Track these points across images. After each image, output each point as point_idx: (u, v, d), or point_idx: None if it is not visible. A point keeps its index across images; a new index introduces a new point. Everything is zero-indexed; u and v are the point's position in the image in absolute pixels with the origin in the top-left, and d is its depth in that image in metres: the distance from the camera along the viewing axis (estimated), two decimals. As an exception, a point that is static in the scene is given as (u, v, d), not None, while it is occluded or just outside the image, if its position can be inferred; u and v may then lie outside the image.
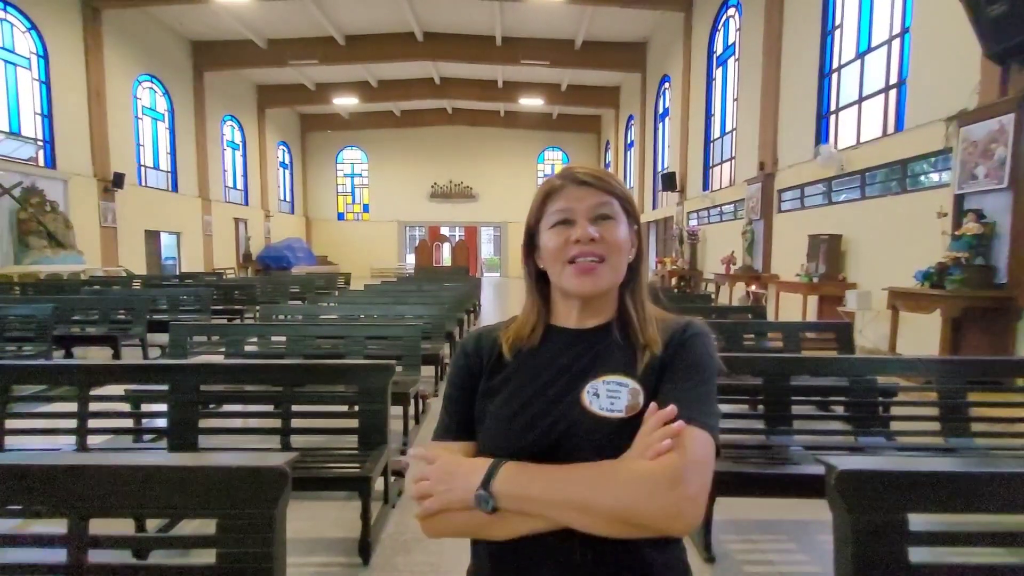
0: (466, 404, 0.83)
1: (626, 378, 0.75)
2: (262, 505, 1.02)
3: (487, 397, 0.82)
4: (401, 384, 3.27)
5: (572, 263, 0.77)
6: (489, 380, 0.83)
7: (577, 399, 0.76)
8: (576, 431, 0.74)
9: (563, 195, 0.80)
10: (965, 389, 2.27)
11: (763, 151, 8.84)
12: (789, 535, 2.39)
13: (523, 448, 0.75)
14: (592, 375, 0.77)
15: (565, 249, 0.78)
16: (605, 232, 0.77)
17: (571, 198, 0.79)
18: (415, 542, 2.33)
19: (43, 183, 10.12)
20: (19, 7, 10.17)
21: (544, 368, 0.80)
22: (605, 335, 0.81)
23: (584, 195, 0.79)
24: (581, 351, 0.80)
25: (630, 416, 0.73)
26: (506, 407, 0.79)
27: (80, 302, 5.89)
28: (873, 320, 5.99)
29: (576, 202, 0.78)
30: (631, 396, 0.74)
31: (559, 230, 0.79)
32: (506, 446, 0.76)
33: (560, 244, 0.78)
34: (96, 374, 2.34)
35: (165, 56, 14.34)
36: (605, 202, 0.79)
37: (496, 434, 0.78)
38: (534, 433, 0.75)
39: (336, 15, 13.93)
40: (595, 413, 0.74)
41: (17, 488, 1.05)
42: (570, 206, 0.79)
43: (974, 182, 4.55)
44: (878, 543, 0.97)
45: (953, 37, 4.91)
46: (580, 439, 0.74)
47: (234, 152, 18.33)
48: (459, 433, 0.82)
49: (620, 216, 0.80)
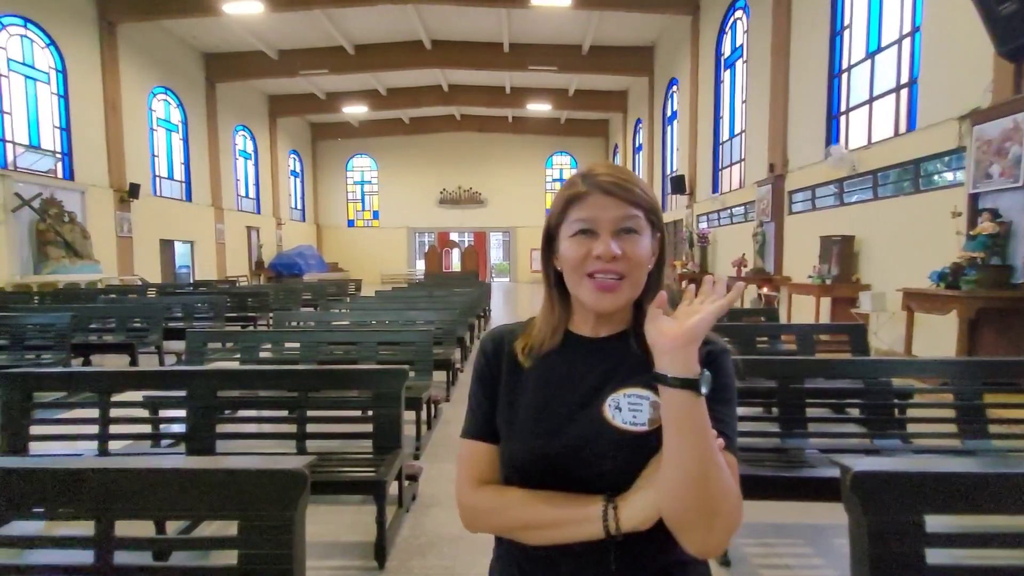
0: (488, 405, 0.85)
1: (647, 391, 0.76)
2: (282, 507, 1.04)
3: (507, 407, 0.83)
4: (414, 389, 3.30)
5: (591, 277, 0.76)
6: (508, 387, 0.84)
7: (599, 411, 0.76)
8: (599, 442, 0.75)
9: (587, 203, 0.76)
10: (982, 390, 2.24)
11: (773, 153, 8.79)
12: (805, 538, 2.37)
13: (545, 458, 0.77)
14: (612, 387, 0.77)
15: (585, 263, 0.75)
16: (628, 248, 0.74)
17: (595, 207, 0.76)
18: (430, 546, 2.34)
19: (61, 194, 10.34)
20: (39, 24, 10.43)
21: (563, 377, 0.81)
22: (622, 344, 0.81)
23: (609, 205, 0.75)
24: (599, 361, 0.81)
25: (653, 429, 0.74)
26: (528, 417, 0.80)
27: (97, 311, 6.00)
28: (888, 322, 5.92)
29: (600, 212, 0.75)
30: (653, 409, 0.75)
31: (580, 240, 0.76)
32: (529, 456, 0.78)
33: (580, 256, 0.76)
34: (117, 380, 2.38)
35: (179, 68, 14.61)
36: (630, 215, 0.75)
37: (518, 444, 0.79)
38: (557, 444, 0.76)
39: (346, 25, 14.11)
40: (618, 426, 0.75)
41: (44, 491, 1.07)
42: (593, 216, 0.75)
43: (989, 181, 4.50)
44: (895, 545, 0.96)
45: (965, 35, 4.86)
46: (603, 450, 0.75)
47: (246, 161, 18.58)
48: (484, 435, 0.84)
49: (644, 229, 0.77)
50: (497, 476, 0.83)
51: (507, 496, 0.79)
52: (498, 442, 0.83)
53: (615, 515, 0.71)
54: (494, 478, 0.83)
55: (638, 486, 0.72)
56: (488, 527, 0.81)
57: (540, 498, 0.76)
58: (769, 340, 3.96)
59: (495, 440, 0.83)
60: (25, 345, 4.56)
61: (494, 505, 0.79)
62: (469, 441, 0.85)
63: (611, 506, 0.72)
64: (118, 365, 5.73)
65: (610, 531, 0.71)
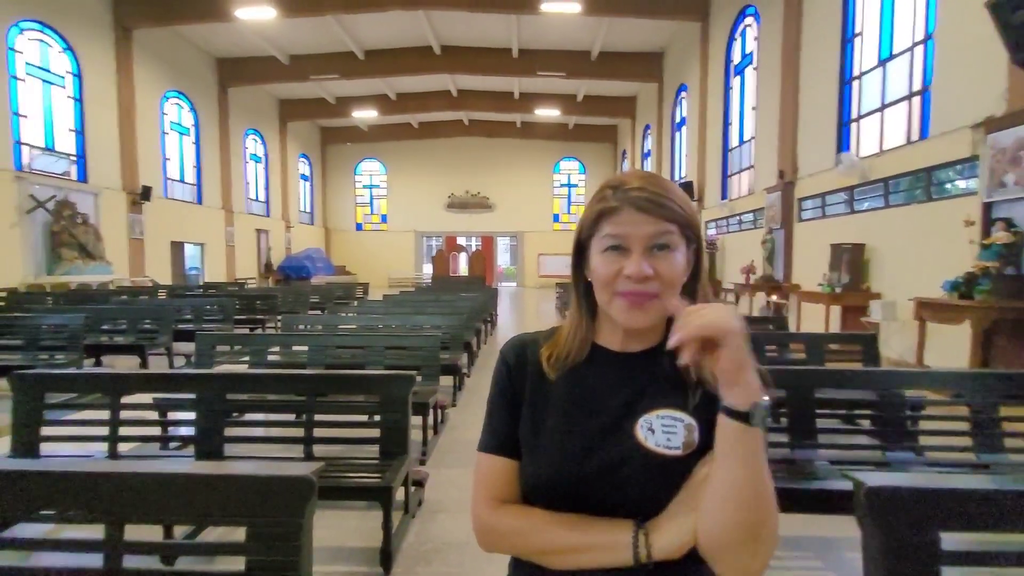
0: (510, 417, 0.82)
1: (680, 412, 0.73)
2: (290, 513, 1.04)
3: (532, 422, 0.79)
4: (420, 394, 3.29)
5: (621, 295, 0.73)
6: (532, 401, 0.81)
7: (631, 433, 0.74)
8: (631, 464, 0.73)
9: (619, 219, 0.73)
10: (997, 403, 2.20)
11: (783, 160, 8.75)
12: (815, 552, 2.34)
13: (574, 480, 0.74)
14: (643, 407, 0.75)
15: (616, 281, 0.72)
16: (660, 266, 0.71)
17: (627, 224, 0.72)
18: (436, 552, 2.33)
19: (75, 196, 10.49)
20: (56, 28, 10.61)
21: (592, 395, 0.78)
22: (652, 362, 0.77)
23: (641, 222, 0.71)
24: (628, 378, 0.78)
25: (687, 453, 0.72)
26: (556, 437, 0.77)
27: (109, 312, 6.05)
28: (899, 331, 5.85)
29: (632, 228, 0.72)
30: (687, 432, 0.72)
31: (611, 257, 0.73)
32: (556, 478, 0.75)
33: (612, 273, 0.73)
34: (127, 383, 2.40)
35: (192, 73, 14.80)
36: (664, 231, 0.72)
37: (545, 464, 0.76)
38: (588, 466, 0.74)
39: (356, 31, 14.24)
40: (651, 449, 0.72)
41: (55, 494, 1.08)
42: (625, 232, 0.72)
43: (1003, 190, 4.45)
44: (910, 562, 0.94)
45: (978, 43, 4.82)
46: (634, 472, 0.72)
47: (256, 165, 18.76)
48: (505, 450, 0.81)
49: (679, 244, 0.73)
50: (516, 494, 0.79)
51: (531, 518, 0.75)
52: (518, 458, 0.80)
53: (647, 542, 0.69)
54: (513, 496, 0.79)
55: (672, 512, 0.70)
56: (508, 549, 0.77)
57: (566, 522, 0.73)
58: (778, 349, 3.92)
59: (516, 455, 0.80)
60: (39, 345, 4.61)
61: (516, 527, 0.75)
62: (487, 455, 0.81)
63: (642, 532, 0.69)
64: (128, 366, 5.78)
65: (640, 559, 0.69)
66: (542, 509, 0.76)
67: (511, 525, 0.76)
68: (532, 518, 0.75)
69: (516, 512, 0.77)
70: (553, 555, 0.73)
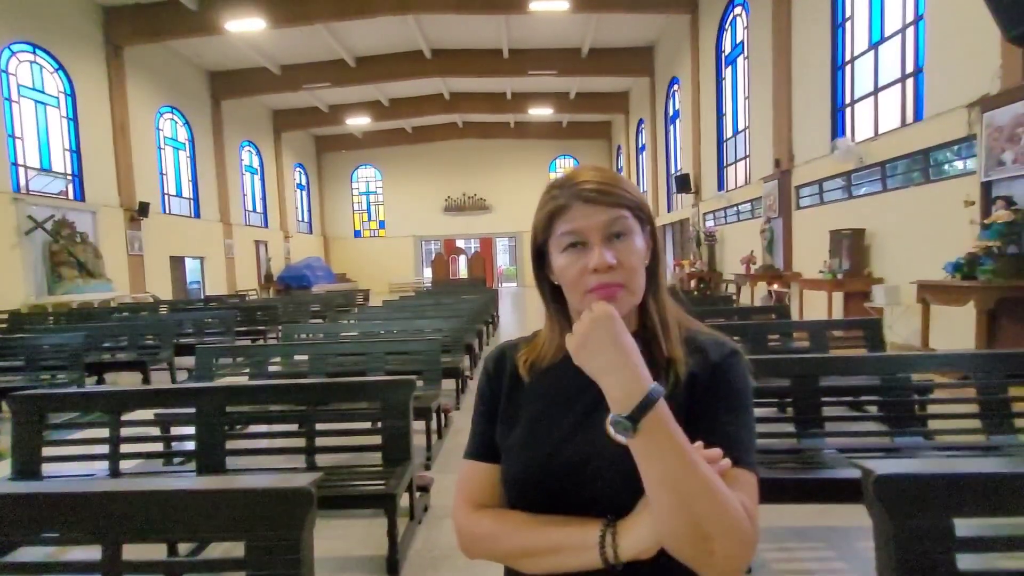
0: (488, 423, 0.82)
1: None
2: (289, 526, 1.02)
3: (506, 423, 0.80)
4: (423, 399, 3.27)
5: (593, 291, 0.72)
6: (508, 404, 0.81)
7: (600, 426, 0.71)
8: (601, 459, 0.71)
9: (571, 214, 0.73)
10: (1006, 383, 2.18)
11: (778, 148, 8.72)
12: (826, 542, 2.31)
13: (543, 475, 0.73)
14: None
15: (583, 279, 0.72)
16: (622, 255, 0.72)
17: (580, 217, 0.73)
18: (443, 559, 2.31)
19: (73, 215, 10.50)
20: (47, 49, 10.62)
21: (563, 392, 0.78)
22: None
23: (593, 212, 0.72)
24: None
25: None
26: (527, 434, 0.77)
27: (110, 329, 6.05)
28: (903, 315, 5.82)
29: (585, 220, 0.72)
30: None
31: (573, 255, 0.73)
32: (524, 474, 0.75)
33: (577, 273, 0.73)
34: (127, 399, 2.39)
35: (184, 87, 14.81)
36: (617, 218, 0.72)
37: (518, 461, 0.76)
38: (559, 459, 0.73)
39: (347, 38, 14.25)
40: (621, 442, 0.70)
41: (53, 515, 1.07)
42: (580, 227, 0.72)
43: (1001, 168, 4.42)
44: (923, 550, 0.92)
45: (970, 21, 4.79)
46: (604, 466, 0.71)
47: (252, 176, 18.78)
48: (483, 455, 0.81)
49: (634, 228, 0.74)
50: (498, 498, 0.79)
51: (504, 522, 0.74)
52: (499, 462, 0.79)
53: (613, 542, 0.66)
54: (494, 501, 0.79)
55: (640, 510, 0.67)
56: (486, 554, 0.76)
57: (538, 522, 0.72)
58: (781, 338, 3.90)
59: (495, 460, 0.80)
60: (40, 366, 4.60)
61: (491, 531, 0.74)
62: (468, 461, 0.82)
63: (610, 531, 0.67)
64: (131, 383, 5.77)
65: (608, 559, 0.66)
66: (520, 511, 0.75)
67: (487, 528, 0.75)
68: (505, 521, 0.74)
69: (492, 516, 0.76)
70: (525, 558, 0.72)
